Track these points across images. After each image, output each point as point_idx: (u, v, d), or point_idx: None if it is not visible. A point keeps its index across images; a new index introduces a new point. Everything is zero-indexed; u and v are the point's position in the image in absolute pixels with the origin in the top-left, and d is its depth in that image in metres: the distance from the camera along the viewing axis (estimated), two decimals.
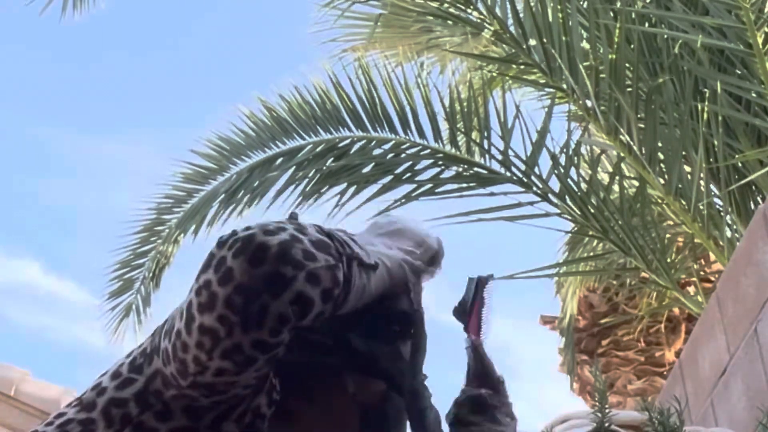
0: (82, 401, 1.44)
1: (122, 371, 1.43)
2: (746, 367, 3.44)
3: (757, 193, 5.25)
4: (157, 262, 7.05)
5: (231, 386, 1.35)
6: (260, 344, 1.30)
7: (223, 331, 1.29)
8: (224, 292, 1.28)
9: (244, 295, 1.28)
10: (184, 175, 6.86)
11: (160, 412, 1.39)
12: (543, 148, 5.64)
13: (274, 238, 1.30)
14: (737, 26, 4.83)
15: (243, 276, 1.28)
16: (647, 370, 7.97)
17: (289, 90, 6.49)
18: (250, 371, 1.33)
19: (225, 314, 1.28)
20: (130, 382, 1.41)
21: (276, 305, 1.28)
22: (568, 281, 7.78)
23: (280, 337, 1.31)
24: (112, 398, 1.41)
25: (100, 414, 1.41)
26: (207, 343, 1.30)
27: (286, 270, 1.28)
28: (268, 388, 1.43)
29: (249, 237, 1.30)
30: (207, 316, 1.29)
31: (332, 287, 1.32)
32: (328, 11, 6.90)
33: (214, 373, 1.32)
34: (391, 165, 6.04)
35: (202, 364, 1.32)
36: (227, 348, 1.30)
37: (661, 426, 2.15)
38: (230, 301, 1.28)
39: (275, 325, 1.29)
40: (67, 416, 1.44)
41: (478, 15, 5.89)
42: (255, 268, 1.28)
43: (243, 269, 1.28)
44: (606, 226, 5.44)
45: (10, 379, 7.35)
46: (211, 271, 1.30)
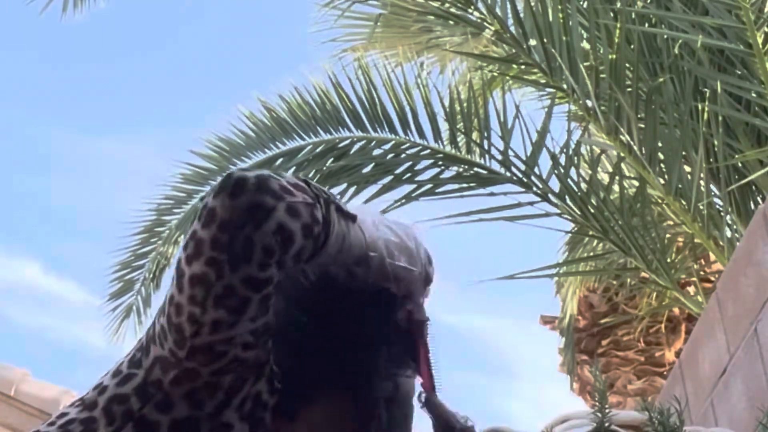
0: (84, 401, 1.45)
1: (122, 369, 1.44)
2: (746, 367, 3.44)
3: (757, 193, 5.25)
4: (158, 263, 7.05)
5: (229, 344, 1.34)
6: (251, 281, 1.31)
7: (213, 274, 1.30)
8: (209, 234, 1.30)
9: (228, 231, 1.30)
10: (184, 175, 6.86)
11: (161, 403, 1.39)
12: (543, 148, 5.64)
13: (251, 173, 1.33)
14: (737, 26, 4.83)
15: (224, 211, 1.30)
16: (647, 370, 7.97)
17: (289, 90, 6.49)
18: (244, 320, 1.33)
19: (212, 256, 1.30)
20: (130, 378, 1.42)
21: (259, 235, 1.30)
22: (568, 281, 7.78)
23: (268, 272, 1.32)
24: (114, 395, 1.42)
25: (102, 412, 1.41)
26: (199, 294, 1.31)
27: (265, 199, 1.31)
28: (268, 374, 1.43)
29: (227, 176, 1.33)
30: (195, 264, 1.31)
31: (311, 223, 1.34)
32: (328, 11, 6.91)
33: (210, 329, 1.32)
34: (391, 165, 6.04)
35: (198, 321, 1.32)
36: (219, 293, 1.31)
37: (661, 426, 2.15)
38: (216, 241, 1.30)
39: (262, 258, 1.31)
40: (69, 416, 1.44)
41: (479, 15, 5.89)
42: (234, 201, 1.30)
43: (224, 205, 1.30)
44: (606, 226, 5.44)
45: (9, 379, 7.34)
46: (196, 221, 1.32)
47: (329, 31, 7.22)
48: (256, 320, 1.35)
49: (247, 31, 18.40)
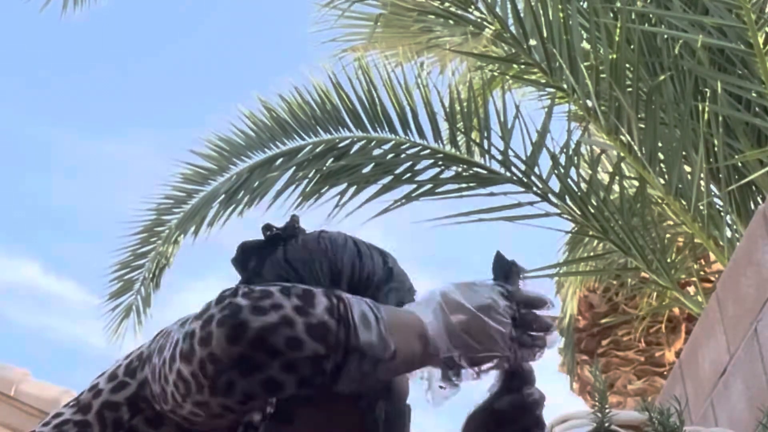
0: (79, 402, 1.46)
1: (118, 373, 1.45)
2: (746, 367, 3.43)
3: (757, 193, 5.25)
4: (157, 263, 7.05)
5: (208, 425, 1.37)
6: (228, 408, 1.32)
7: (195, 387, 1.30)
8: (201, 354, 1.29)
9: (214, 365, 1.28)
10: (184, 175, 6.86)
11: (150, 419, 1.41)
12: (543, 148, 5.64)
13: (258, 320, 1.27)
14: (738, 26, 4.83)
15: (217, 347, 1.28)
16: (647, 370, 7.97)
17: (289, 90, 6.50)
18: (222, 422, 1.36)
19: (197, 373, 1.29)
20: (123, 386, 1.43)
21: (244, 383, 1.29)
22: (568, 281, 7.78)
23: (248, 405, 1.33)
24: (106, 401, 1.43)
25: (95, 417, 1.42)
26: (181, 389, 1.32)
27: (259, 356, 1.27)
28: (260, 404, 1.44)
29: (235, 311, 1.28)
30: (184, 366, 1.31)
31: (311, 376, 1.30)
32: (328, 11, 6.91)
33: (188, 413, 1.35)
34: (391, 165, 6.04)
35: (178, 403, 1.34)
36: (198, 401, 1.32)
37: (661, 426, 2.15)
38: (203, 365, 1.29)
39: (242, 398, 1.31)
40: (64, 417, 1.45)
41: (479, 14, 5.89)
42: (229, 345, 1.27)
43: (219, 341, 1.28)
44: (606, 226, 5.44)
45: (10, 379, 7.34)
46: (199, 324, 1.30)
47: (329, 31, 7.23)
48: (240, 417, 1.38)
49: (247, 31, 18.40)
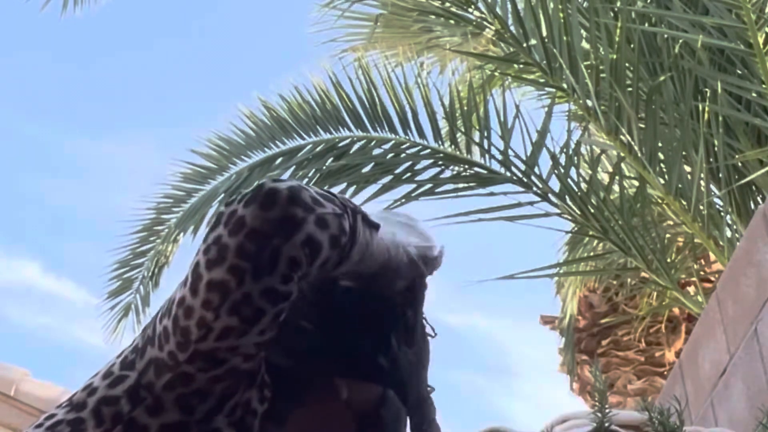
0: (73, 402, 1.43)
1: (114, 370, 1.43)
2: (746, 367, 3.44)
3: (757, 193, 5.25)
4: (157, 262, 7.05)
5: (232, 353, 1.34)
6: (270, 293, 1.31)
7: (234, 282, 1.29)
8: (235, 241, 1.29)
9: (256, 241, 1.29)
10: (184, 174, 6.86)
11: (151, 407, 1.38)
12: (543, 148, 5.64)
13: (283, 184, 1.33)
14: (738, 26, 4.83)
15: (255, 221, 1.29)
16: (647, 370, 7.97)
17: (289, 90, 6.50)
18: (254, 331, 1.33)
19: (236, 263, 1.29)
20: (122, 379, 1.40)
21: (288, 248, 1.30)
22: (568, 281, 7.78)
23: (289, 285, 1.32)
24: (103, 397, 1.40)
25: (90, 413, 1.40)
26: (215, 300, 1.30)
27: (297, 212, 1.31)
28: (259, 382, 1.42)
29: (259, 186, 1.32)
30: (217, 270, 1.30)
31: (339, 234, 1.34)
32: (328, 11, 6.91)
33: (218, 335, 1.32)
34: (391, 165, 6.04)
35: (208, 325, 1.31)
36: (236, 300, 1.30)
37: (661, 426, 2.15)
38: (242, 249, 1.29)
39: (286, 270, 1.31)
40: (57, 417, 1.43)
41: (479, 14, 5.89)
42: (267, 212, 1.30)
43: (255, 215, 1.30)
44: (606, 226, 5.44)
45: (10, 379, 7.34)
46: (221, 226, 1.31)
47: (329, 31, 7.23)
48: (264, 333, 1.34)
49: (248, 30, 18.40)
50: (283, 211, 1.30)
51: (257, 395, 1.43)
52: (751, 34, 4.74)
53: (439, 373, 1.64)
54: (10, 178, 17.66)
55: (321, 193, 1.35)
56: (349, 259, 1.38)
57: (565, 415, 2.42)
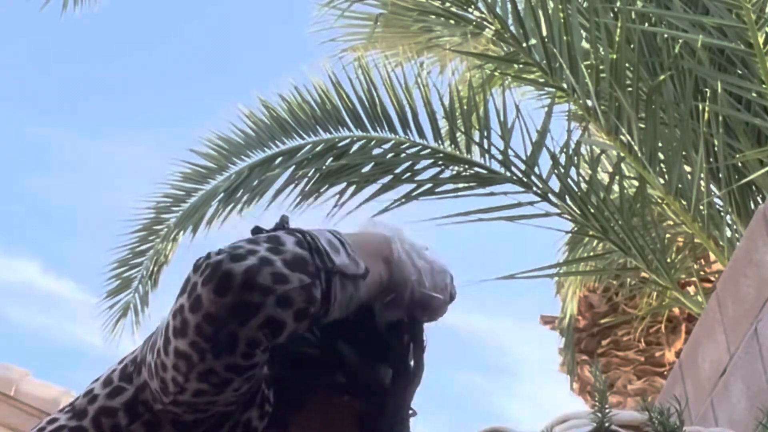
0: (75, 408, 1.45)
1: (113, 378, 1.44)
2: (746, 367, 3.43)
3: (757, 193, 5.25)
4: (156, 261, 7.05)
5: (211, 405, 1.36)
6: (234, 367, 1.31)
7: (196, 357, 1.30)
8: (194, 320, 1.29)
9: (212, 324, 1.28)
10: (184, 174, 6.86)
11: (149, 423, 1.40)
12: (543, 147, 5.64)
13: (241, 265, 1.29)
14: (738, 25, 4.82)
15: (210, 305, 1.28)
16: (647, 370, 7.96)
17: (288, 90, 6.49)
18: (228, 391, 1.34)
19: (196, 341, 1.29)
20: (120, 391, 1.42)
21: (244, 332, 1.28)
22: (568, 281, 7.78)
23: (253, 360, 1.32)
24: (103, 407, 1.42)
25: (91, 423, 1.41)
26: (182, 367, 1.31)
27: (252, 297, 1.28)
28: (259, 400, 1.43)
29: (216, 264, 1.29)
30: (180, 341, 1.30)
31: (306, 307, 1.31)
32: (328, 11, 6.91)
33: (192, 394, 1.33)
34: (390, 165, 6.03)
35: (180, 385, 1.33)
36: (201, 371, 1.31)
37: (661, 426, 2.14)
38: (200, 329, 1.29)
39: (246, 350, 1.30)
40: (59, 422, 1.44)
41: (479, 14, 5.89)
42: (221, 298, 1.28)
43: (210, 299, 1.28)
44: (606, 226, 5.43)
45: (9, 379, 7.34)
46: (185, 296, 1.30)
47: (329, 31, 7.23)
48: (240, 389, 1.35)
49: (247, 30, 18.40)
50: (236, 297, 1.28)
51: (257, 413, 1.44)
52: (751, 34, 4.74)
53: (439, 373, 1.63)
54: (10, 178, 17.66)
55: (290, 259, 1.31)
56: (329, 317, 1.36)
57: (565, 415, 2.42)
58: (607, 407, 2.17)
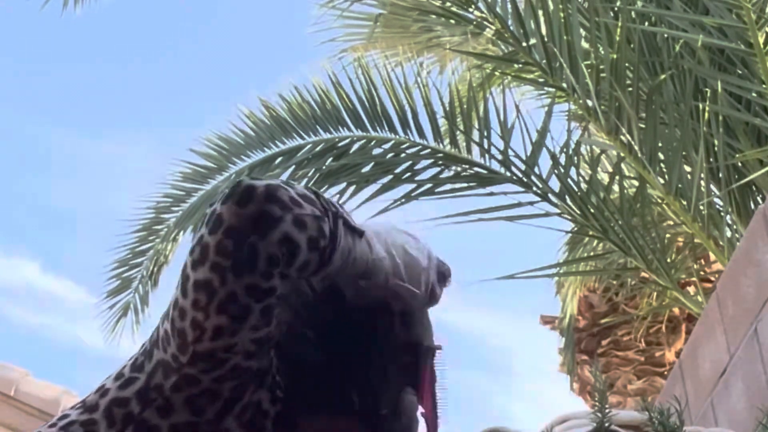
0: (86, 403, 1.45)
1: (125, 372, 1.44)
2: (746, 367, 3.43)
3: (757, 193, 5.24)
4: (156, 261, 7.05)
5: (230, 352, 1.34)
6: (254, 289, 1.32)
7: (217, 280, 1.31)
8: (215, 240, 1.31)
9: (233, 238, 1.30)
10: (184, 174, 6.86)
11: (161, 407, 1.39)
12: (543, 147, 5.64)
13: (261, 182, 1.33)
14: (738, 25, 4.82)
15: (231, 218, 1.31)
16: (647, 370, 7.96)
17: (288, 90, 6.49)
18: (246, 328, 1.33)
19: (216, 261, 1.30)
20: (132, 381, 1.42)
21: (264, 245, 1.30)
22: (568, 281, 7.78)
23: (271, 282, 1.32)
24: (115, 398, 1.42)
25: (102, 414, 1.42)
26: (203, 299, 1.31)
27: (273, 209, 1.31)
28: (270, 384, 1.43)
29: (237, 183, 1.33)
30: (200, 270, 1.31)
31: (318, 236, 1.34)
32: (327, 11, 6.91)
33: (211, 335, 1.33)
34: (390, 165, 6.04)
35: (200, 325, 1.32)
36: (222, 299, 1.31)
37: (661, 426, 2.14)
38: (220, 247, 1.30)
39: (266, 267, 1.31)
40: (70, 418, 1.44)
41: (479, 14, 5.89)
42: (242, 208, 1.31)
43: (231, 212, 1.31)
44: (606, 226, 5.43)
45: (9, 379, 7.34)
46: (203, 226, 1.33)
47: (329, 31, 7.23)
48: (258, 330, 1.35)
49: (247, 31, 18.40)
50: (258, 207, 1.31)
51: (268, 396, 1.44)
52: (751, 34, 4.74)
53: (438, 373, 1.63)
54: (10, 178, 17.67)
55: (302, 193, 1.35)
56: (331, 264, 1.37)
57: (565, 415, 2.42)
58: (607, 407, 2.17)
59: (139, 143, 18.53)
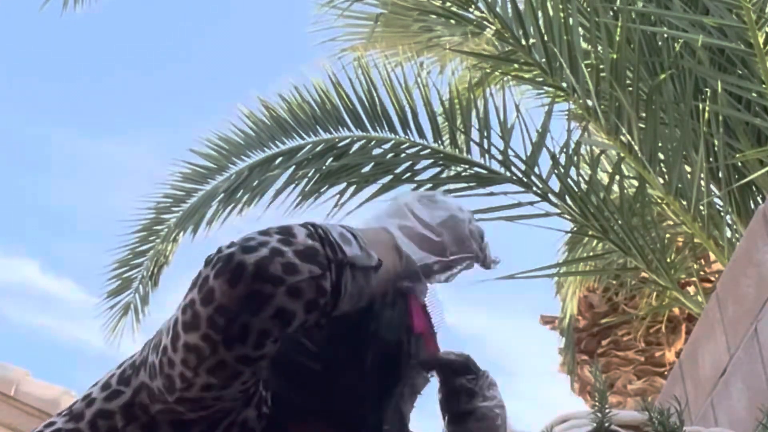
0: (72, 411, 1.45)
1: (111, 382, 1.44)
2: (746, 367, 3.43)
3: (757, 193, 5.24)
4: (156, 261, 7.04)
5: (217, 400, 1.36)
6: (244, 359, 1.31)
7: (208, 350, 1.30)
8: (206, 312, 1.29)
9: (224, 316, 1.28)
10: (184, 174, 6.86)
11: (145, 425, 1.40)
12: (543, 147, 5.64)
13: (252, 256, 1.29)
14: (738, 25, 4.82)
15: (223, 297, 1.28)
16: (647, 370, 7.96)
17: (288, 90, 6.49)
18: (236, 384, 1.34)
19: (208, 333, 1.29)
20: (117, 394, 1.42)
21: (256, 322, 1.29)
22: (568, 281, 7.78)
23: (263, 350, 1.32)
24: (100, 410, 1.42)
25: (87, 425, 1.42)
26: (192, 361, 1.31)
27: (264, 288, 1.28)
28: (257, 401, 1.43)
29: (228, 257, 1.30)
30: (192, 335, 1.30)
31: (316, 297, 1.32)
32: (327, 10, 6.91)
33: (200, 389, 1.33)
34: (390, 165, 6.03)
35: (189, 381, 1.33)
36: (212, 365, 1.31)
37: (661, 426, 2.14)
38: (212, 321, 1.29)
39: (258, 340, 1.30)
40: (56, 426, 1.45)
41: (479, 14, 5.89)
42: (233, 288, 1.28)
43: (222, 290, 1.28)
44: (606, 226, 5.43)
45: (9, 379, 7.33)
46: (196, 290, 1.31)
47: (329, 31, 7.23)
48: (247, 383, 1.36)
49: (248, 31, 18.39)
50: (248, 288, 1.28)
51: (254, 413, 1.44)
52: (751, 34, 4.73)
53: None
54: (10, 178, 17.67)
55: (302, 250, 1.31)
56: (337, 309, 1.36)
57: (565, 415, 2.42)
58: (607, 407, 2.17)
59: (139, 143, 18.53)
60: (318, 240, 1.34)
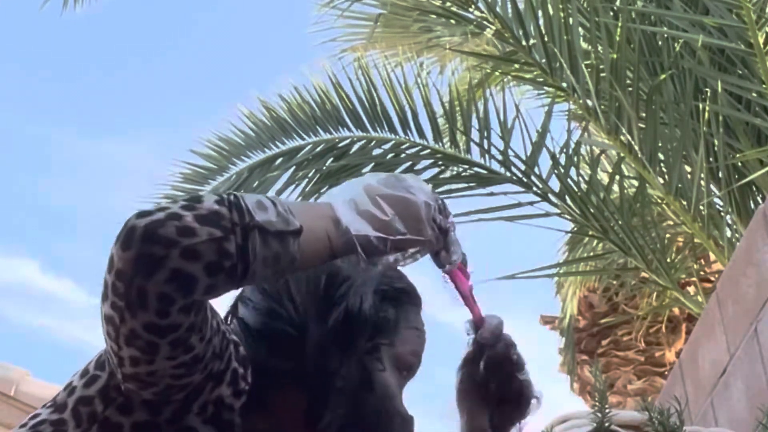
0: (56, 402, 1.46)
1: (89, 369, 1.46)
2: (746, 367, 3.43)
3: (757, 193, 5.24)
4: None
5: (154, 376, 1.35)
6: (153, 327, 1.30)
7: (117, 318, 1.30)
8: (110, 280, 1.30)
9: (122, 281, 1.29)
10: (184, 175, 6.85)
11: (122, 405, 1.40)
12: (543, 147, 5.64)
13: (144, 220, 1.30)
14: (738, 25, 4.82)
15: (119, 262, 1.29)
16: (647, 370, 7.97)
17: (288, 90, 6.49)
18: (160, 358, 1.33)
19: (113, 300, 1.30)
20: (95, 380, 1.43)
21: (152, 285, 1.28)
22: (568, 281, 7.78)
23: (170, 319, 1.30)
24: (80, 397, 1.43)
25: (70, 414, 1.43)
26: (112, 332, 1.32)
27: (154, 249, 1.28)
28: (230, 378, 1.43)
29: (125, 223, 1.31)
30: (105, 305, 1.32)
31: (219, 260, 1.30)
32: (327, 11, 6.91)
33: (129, 363, 1.33)
34: (391, 165, 6.03)
35: (117, 354, 1.34)
36: (126, 334, 1.31)
37: (661, 426, 2.14)
38: (114, 287, 1.30)
39: (159, 306, 1.29)
40: (41, 417, 1.46)
41: (479, 14, 5.89)
42: (125, 252, 1.29)
43: (118, 255, 1.29)
44: (606, 226, 5.43)
45: (9, 379, 7.33)
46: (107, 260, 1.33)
47: (329, 31, 7.23)
48: (174, 359, 1.34)
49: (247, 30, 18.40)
50: (138, 250, 1.28)
51: (230, 390, 1.43)
52: (751, 34, 4.74)
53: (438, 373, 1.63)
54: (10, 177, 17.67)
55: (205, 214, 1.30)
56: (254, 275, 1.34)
57: (565, 415, 2.42)
58: (607, 407, 2.17)
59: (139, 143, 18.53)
60: (226, 205, 1.33)
